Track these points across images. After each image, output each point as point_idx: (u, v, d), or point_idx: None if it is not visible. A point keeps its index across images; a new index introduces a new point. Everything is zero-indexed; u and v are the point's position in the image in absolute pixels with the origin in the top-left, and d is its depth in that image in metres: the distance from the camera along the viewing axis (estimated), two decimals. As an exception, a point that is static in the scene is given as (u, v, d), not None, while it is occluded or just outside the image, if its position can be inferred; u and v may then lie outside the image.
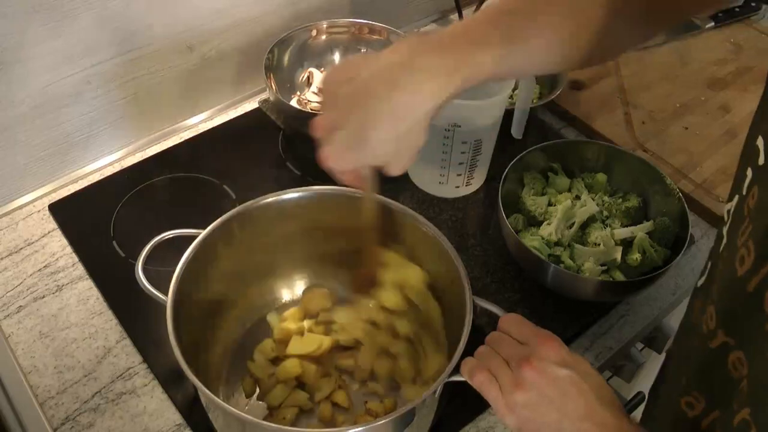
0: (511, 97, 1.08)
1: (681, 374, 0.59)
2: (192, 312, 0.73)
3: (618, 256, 0.85)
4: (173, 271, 0.71)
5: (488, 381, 0.59)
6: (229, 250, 0.78)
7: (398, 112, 0.56)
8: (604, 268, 0.85)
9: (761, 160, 0.47)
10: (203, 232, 0.74)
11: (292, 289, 0.88)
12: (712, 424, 0.53)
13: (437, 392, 0.65)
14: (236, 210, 0.77)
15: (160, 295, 0.70)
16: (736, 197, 0.51)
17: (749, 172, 0.49)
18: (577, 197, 0.91)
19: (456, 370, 0.63)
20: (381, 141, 0.57)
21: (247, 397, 0.78)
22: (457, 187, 0.86)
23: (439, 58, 0.56)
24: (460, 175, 0.84)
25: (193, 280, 0.73)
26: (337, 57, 1.13)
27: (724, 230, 0.53)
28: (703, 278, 0.56)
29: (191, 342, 0.70)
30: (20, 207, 0.96)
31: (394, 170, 0.60)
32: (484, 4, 1.24)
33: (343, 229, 0.80)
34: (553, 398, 0.55)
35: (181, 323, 0.68)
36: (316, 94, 1.07)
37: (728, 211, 0.52)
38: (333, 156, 0.59)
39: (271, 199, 0.79)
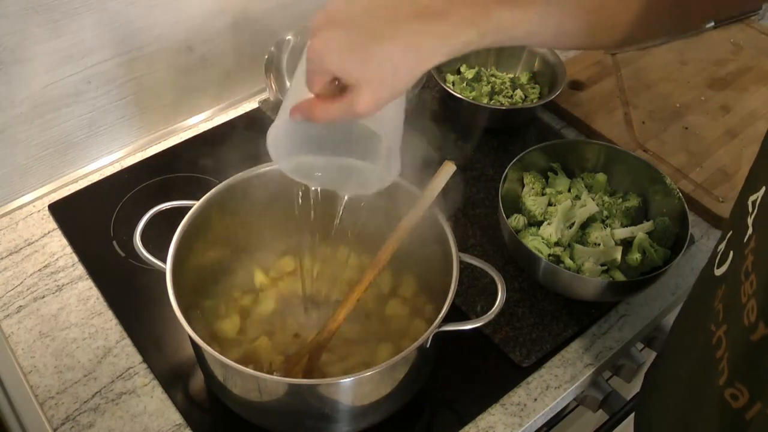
0: (511, 96, 1.08)
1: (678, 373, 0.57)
2: (188, 282, 0.74)
3: (618, 256, 0.85)
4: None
5: None
6: (224, 220, 0.79)
7: (416, 40, 0.53)
8: (604, 268, 0.85)
9: None
10: (199, 201, 0.76)
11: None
12: (756, 416, 0.51)
13: (428, 343, 0.67)
14: (232, 179, 0.78)
15: (159, 263, 0.71)
16: (763, 188, 0.50)
17: None
18: (577, 197, 0.91)
19: (444, 322, 0.66)
20: (384, 58, 0.53)
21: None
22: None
23: (461, 7, 0.54)
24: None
25: (190, 248, 0.74)
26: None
27: (749, 221, 0.51)
28: (725, 266, 0.54)
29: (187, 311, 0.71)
30: (20, 207, 0.96)
31: (367, 99, 0.54)
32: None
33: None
34: None
35: (179, 292, 0.68)
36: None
37: (753, 202, 0.51)
38: (326, 49, 0.53)
39: (266, 169, 0.79)
